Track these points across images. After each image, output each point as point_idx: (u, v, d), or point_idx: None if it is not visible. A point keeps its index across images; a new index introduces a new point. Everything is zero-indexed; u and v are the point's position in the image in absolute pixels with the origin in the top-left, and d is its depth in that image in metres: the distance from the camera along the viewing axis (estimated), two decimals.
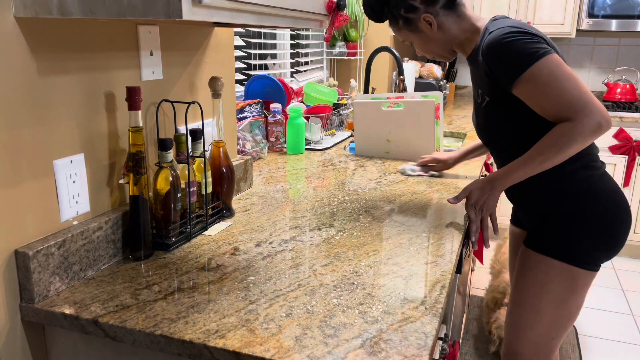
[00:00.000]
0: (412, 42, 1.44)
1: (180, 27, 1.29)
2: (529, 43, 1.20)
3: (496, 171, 1.33)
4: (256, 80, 2.28)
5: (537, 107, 1.22)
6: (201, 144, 1.24)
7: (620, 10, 3.43)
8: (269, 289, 0.99)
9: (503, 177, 1.30)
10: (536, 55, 1.18)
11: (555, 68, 1.18)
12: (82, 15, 0.81)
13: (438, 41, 1.39)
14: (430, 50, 1.43)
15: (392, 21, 1.42)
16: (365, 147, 2.08)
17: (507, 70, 1.22)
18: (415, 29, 1.38)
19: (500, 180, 1.31)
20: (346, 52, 3.25)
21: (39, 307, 0.92)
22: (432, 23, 1.35)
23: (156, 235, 1.16)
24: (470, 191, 1.36)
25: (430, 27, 1.36)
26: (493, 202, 1.34)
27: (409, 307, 0.93)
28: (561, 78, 1.17)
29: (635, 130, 3.35)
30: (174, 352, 0.84)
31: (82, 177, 1.04)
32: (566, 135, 1.18)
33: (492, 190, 1.33)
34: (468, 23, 1.36)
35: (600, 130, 1.17)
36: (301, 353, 0.80)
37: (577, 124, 1.17)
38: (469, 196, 1.36)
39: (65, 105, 0.99)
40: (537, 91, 1.19)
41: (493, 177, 1.32)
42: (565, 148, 1.19)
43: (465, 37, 1.37)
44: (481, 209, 1.35)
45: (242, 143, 1.90)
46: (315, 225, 1.33)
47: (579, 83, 1.18)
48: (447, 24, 1.36)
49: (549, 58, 1.18)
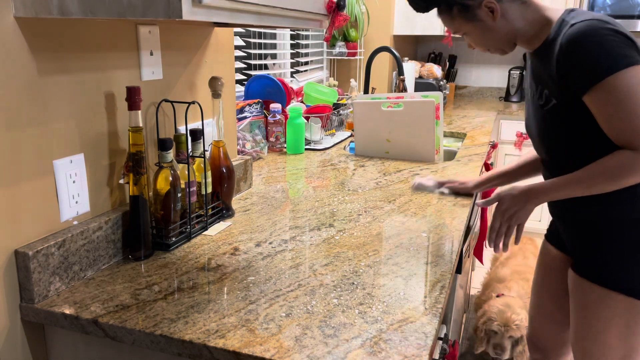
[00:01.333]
0: (466, 33, 1.28)
1: (180, 27, 1.29)
2: (619, 47, 1.05)
3: (536, 183, 1.23)
4: (256, 80, 2.28)
5: (604, 123, 1.09)
6: (201, 144, 1.24)
7: (620, 10, 3.43)
8: (269, 289, 0.99)
9: (542, 192, 1.20)
10: (621, 64, 1.05)
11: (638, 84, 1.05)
12: (82, 15, 0.81)
13: (499, 32, 1.23)
14: (488, 42, 1.27)
15: (445, 9, 1.26)
16: (365, 147, 2.08)
17: (584, 72, 1.08)
18: (472, 17, 1.22)
19: (538, 195, 1.21)
20: (346, 52, 3.25)
21: (39, 307, 0.92)
22: (494, 10, 1.20)
23: (156, 235, 1.16)
24: (503, 198, 1.27)
25: (492, 14, 1.21)
26: (524, 215, 1.25)
27: (409, 307, 0.93)
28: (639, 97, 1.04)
29: None
30: (174, 352, 0.84)
31: (82, 177, 1.04)
32: (624, 166, 1.07)
33: (526, 202, 1.23)
34: (536, 12, 1.21)
35: None
36: (301, 353, 0.80)
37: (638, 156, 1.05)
38: (500, 202, 1.27)
39: (66, 105, 0.99)
40: (608, 105, 1.06)
41: (531, 190, 1.23)
42: (619, 180, 1.08)
43: (532, 28, 1.22)
44: (509, 218, 1.26)
45: (242, 143, 1.90)
46: (315, 225, 1.33)
47: None
48: (512, 12, 1.21)
49: (633, 70, 1.05)
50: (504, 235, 1.28)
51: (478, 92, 4.24)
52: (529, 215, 1.26)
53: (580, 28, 1.09)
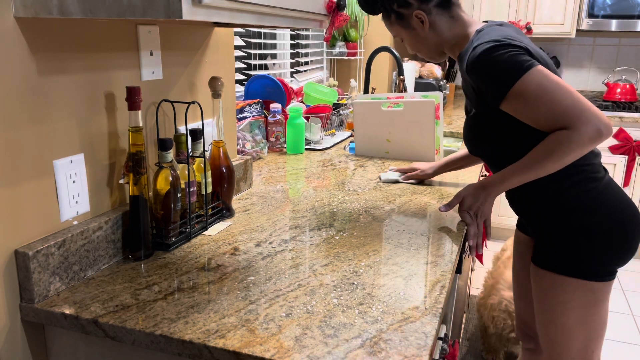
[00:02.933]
0: (403, 39, 1.40)
1: (180, 27, 1.29)
2: (513, 56, 1.15)
3: (490, 176, 1.30)
4: (256, 80, 2.28)
5: (529, 121, 1.18)
6: (201, 144, 1.24)
7: (620, 10, 3.43)
8: (269, 289, 0.99)
9: (497, 183, 1.27)
10: (521, 70, 1.14)
11: (543, 79, 1.14)
12: (82, 15, 0.81)
13: (428, 40, 1.35)
14: (420, 49, 1.39)
15: (385, 15, 1.38)
16: (365, 147, 2.08)
17: (493, 88, 1.19)
18: (407, 25, 1.34)
19: (494, 187, 1.28)
20: (346, 52, 3.25)
21: (39, 307, 0.92)
22: (424, 21, 1.31)
23: (156, 235, 1.16)
24: (463, 197, 1.33)
25: (422, 24, 1.32)
26: (487, 208, 1.32)
27: (409, 307, 0.93)
28: (551, 89, 1.14)
29: (635, 130, 3.35)
30: (174, 352, 0.84)
31: (82, 177, 1.04)
32: (563, 143, 1.14)
33: (486, 196, 1.30)
34: (460, 27, 1.33)
35: (601, 137, 1.13)
36: (301, 353, 0.80)
37: (573, 132, 1.13)
38: (462, 202, 1.33)
39: (65, 105, 0.99)
40: (527, 106, 1.16)
41: (486, 183, 1.30)
42: (562, 156, 1.16)
43: (455, 41, 1.34)
44: (475, 215, 1.32)
45: (242, 143, 1.90)
46: (315, 225, 1.33)
47: (571, 91, 1.14)
48: (440, 24, 1.32)
49: (534, 71, 1.14)
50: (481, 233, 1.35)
51: None
52: (490, 208, 1.33)
53: (479, 50, 1.19)
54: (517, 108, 1.18)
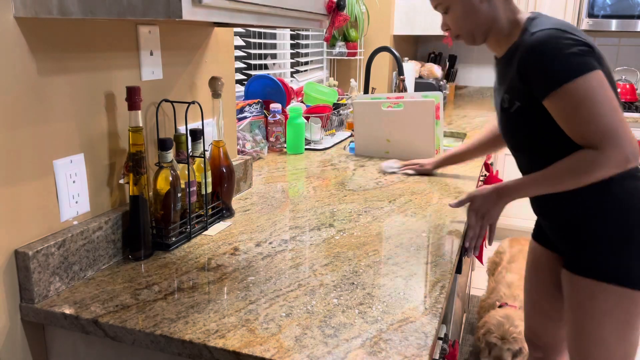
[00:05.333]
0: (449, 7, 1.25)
1: (181, 27, 1.29)
2: (576, 55, 1.10)
3: (506, 181, 1.26)
4: (256, 80, 2.28)
5: (563, 125, 1.14)
6: (201, 144, 1.24)
7: (620, 10, 3.43)
8: (269, 289, 0.99)
9: (513, 189, 1.23)
10: (578, 71, 1.09)
11: (594, 89, 1.08)
12: (82, 16, 0.81)
13: (481, 14, 1.23)
14: (466, 23, 1.25)
15: None
16: (365, 147, 2.08)
17: (543, 79, 1.13)
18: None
19: (509, 192, 1.24)
20: (346, 52, 3.25)
21: (39, 307, 0.92)
22: None
23: (156, 235, 1.16)
24: (474, 197, 1.30)
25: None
26: (496, 212, 1.28)
27: (409, 307, 0.93)
28: (597, 100, 1.08)
29: (635, 130, 3.35)
30: (174, 352, 0.84)
31: (82, 177, 1.04)
32: (587, 164, 1.11)
33: (497, 200, 1.26)
34: (511, 11, 1.25)
35: (628, 164, 1.09)
36: (301, 353, 0.80)
37: (600, 155, 1.09)
38: (472, 201, 1.30)
39: (65, 105, 0.99)
40: (566, 109, 1.11)
41: (502, 187, 1.26)
42: (584, 176, 1.12)
43: (505, 25, 1.25)
44: (482, 217, 1.28)
45: (242, 143, 1.90)
46: (315, 225, 1.33)
47: (615, 110, 1.09)
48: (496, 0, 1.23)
49: (590, 76, 1.09)
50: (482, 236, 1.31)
51: (478, 92, 4.24)
52: (499, 213, 1.29)
53: (539, 37, 1.13)
54: (558, 109, 1.13)
